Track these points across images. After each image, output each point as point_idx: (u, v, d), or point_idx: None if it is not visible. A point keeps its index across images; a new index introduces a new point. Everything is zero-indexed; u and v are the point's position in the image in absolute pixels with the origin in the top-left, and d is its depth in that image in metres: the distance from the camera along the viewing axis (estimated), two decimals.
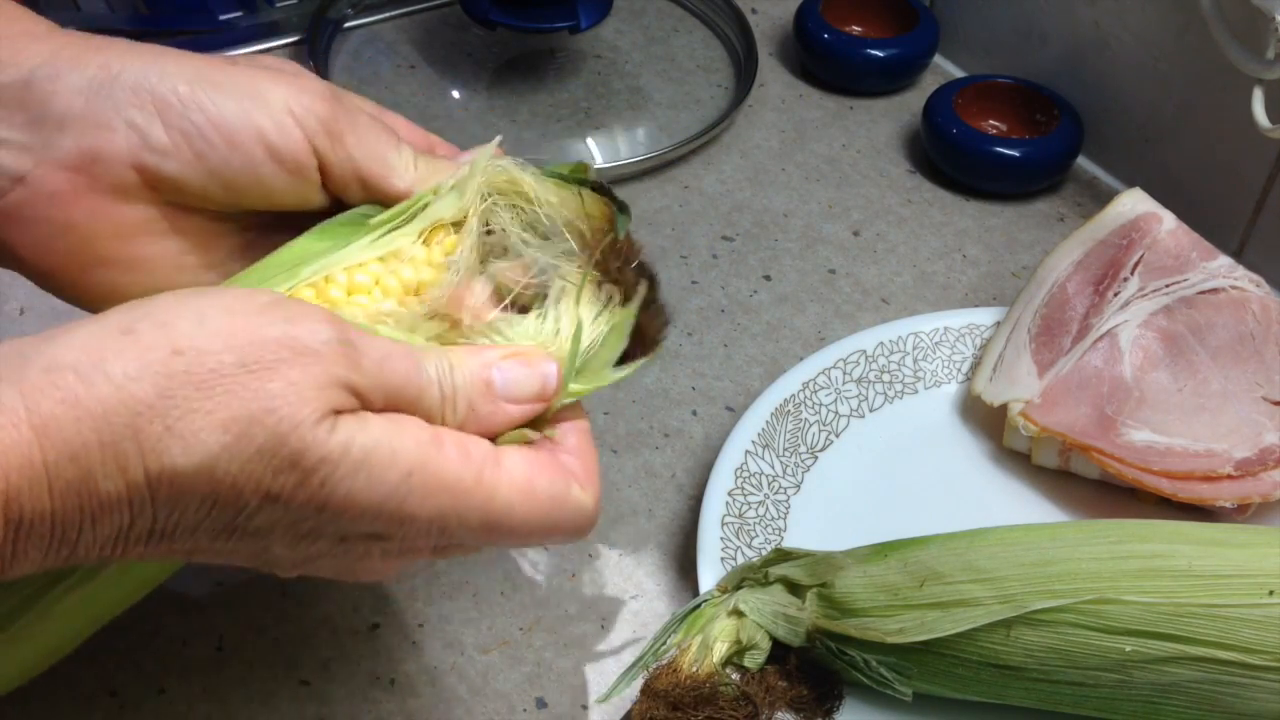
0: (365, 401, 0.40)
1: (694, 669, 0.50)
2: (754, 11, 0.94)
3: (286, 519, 0.39)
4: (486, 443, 0.42)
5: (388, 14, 0.91)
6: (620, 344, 0.47)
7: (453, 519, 0.41)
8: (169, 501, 0.37)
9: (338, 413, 0.38)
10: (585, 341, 0.46)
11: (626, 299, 0.48)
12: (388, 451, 0.39)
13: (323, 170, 0.48)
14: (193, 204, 0.48)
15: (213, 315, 0.38)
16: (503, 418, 0.43)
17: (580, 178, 0.49)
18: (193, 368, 0.36)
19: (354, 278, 0.47)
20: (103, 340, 0.36)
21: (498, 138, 0.50)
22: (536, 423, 0.45)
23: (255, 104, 0.47)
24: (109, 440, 0.35)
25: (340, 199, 0.49)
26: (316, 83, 0.49)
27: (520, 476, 0.42)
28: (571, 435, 0.46)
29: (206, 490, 0.37)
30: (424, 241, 0.48)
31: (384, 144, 0.49)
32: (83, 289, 0.49)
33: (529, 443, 0.44)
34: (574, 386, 0.46)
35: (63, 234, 0.47)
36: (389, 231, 0.48)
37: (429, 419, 0.41)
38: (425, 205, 0.49)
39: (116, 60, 0.47)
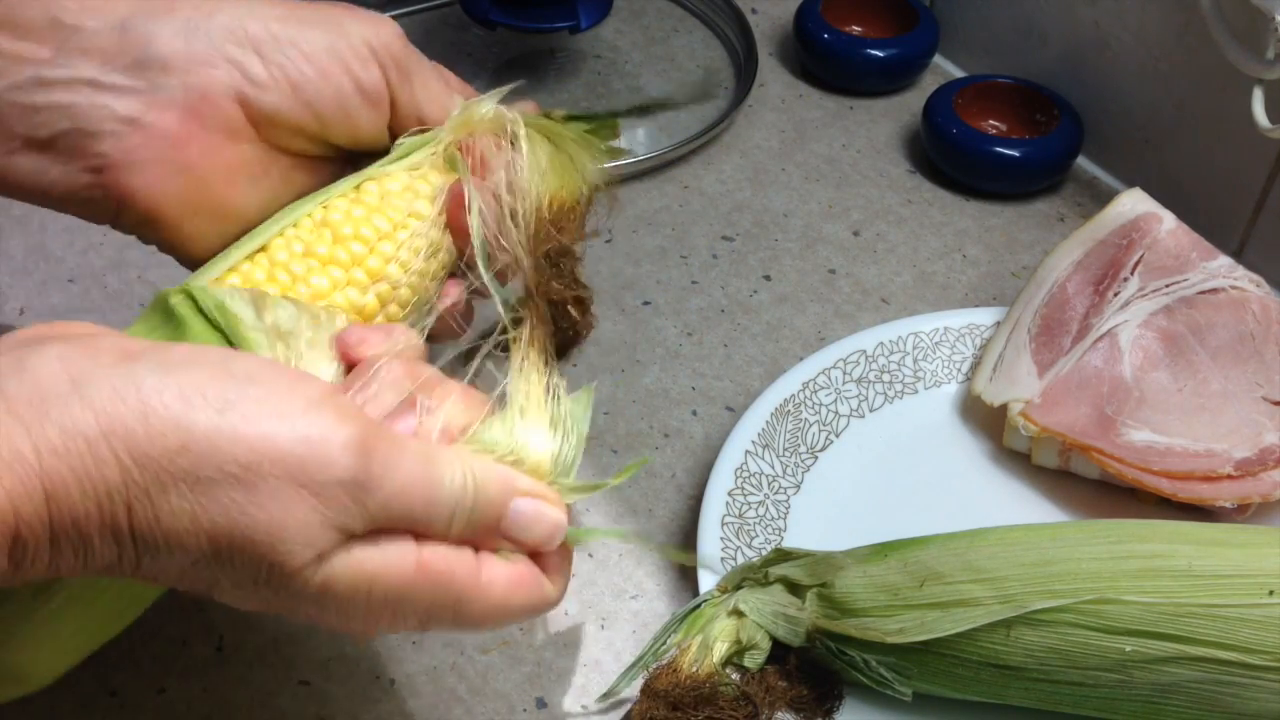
0: (357, 534, 0.39)
1: (694, 669, 0.50)
2: (754, 11, 0.94)
3: (259, 599, 0.40)
4: (469, 556, 0.42)
5: (388, 14, 0.91)
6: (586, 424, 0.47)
7: (419, 626, 0.42)
8: (154, 560, 0.38)
9: (323, 554, 0.38)
10: (558, 449, 0.45)
11: (572, 306, 0.51)
12: (366, 587, 0.39)
13: (391, 108, 0.51)
14: (286, 142, 0.51)
15: (235, 407, 0.37)
16: (494, 546, 0.43)
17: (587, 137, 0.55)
18: (194, 466, 0.36)
19: (385, 185, 0.51)
20: (120, 408, 0.36)
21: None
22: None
23: (339, 37, 0.50)
24: (108, 513, 0.36)
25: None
26: (391, 23, 0.52)
27: (498, 594, 0.42)
28: None
29: (188, 565, 0.38)
30: (445, 155, 0.53)
31: (444, 90, 0.53)
32: (183, 237, 0.50)
33: None
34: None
35: (178, 176, 0.49)
36: (413, 151, 0.53)
37: (423, 534, 0.41)
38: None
39: (208, 4, 0.49)
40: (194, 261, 0.51)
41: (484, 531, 0.42)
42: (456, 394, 0.44)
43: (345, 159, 0.53)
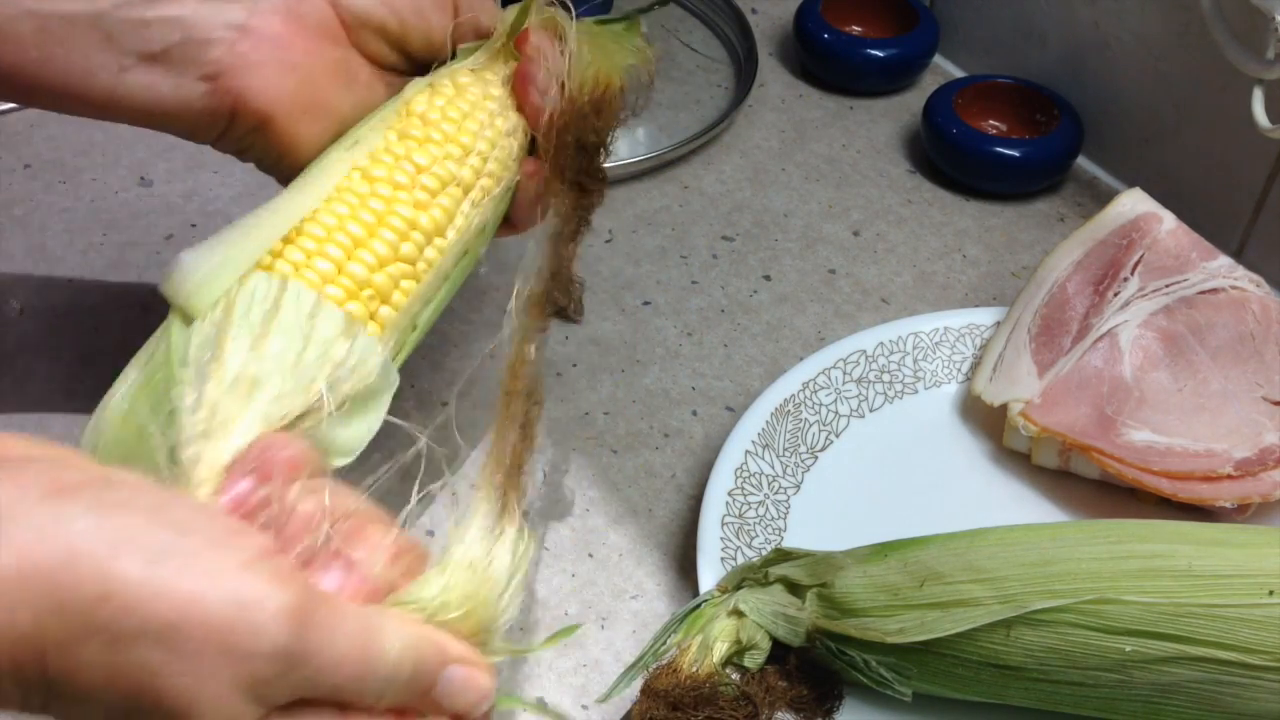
0: (279, 705, 0.37)
1: (694, 669, 0.50)
2: (754, 11, 0.94)
3: None
4: None
5: None
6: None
7: None
8: (62, 707, 0.36)
9: None
10: (495, 609, 0.43)
11: (577, 202, 0.57)
12: None
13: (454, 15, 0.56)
14: (370, 45, 0.55)
15: (166, 560, 0.35)
16: (419, 713, 0.41)
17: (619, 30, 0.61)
18: (115, 619, 0.34)
19: (457, 79, 0.56)
20: (43, 551, 0.34)
21: None
22: None
23: None
24: (20, 660, 0.34)
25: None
26: None
27: None
28: None
29: (98, 717, 0.36)
30: (503, 57, 0.58)
31: (497, 6, 0.57)
32: (291, 139, 0.53)
33: None
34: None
35: (288, 75, 0.52)
36: (473, 52, 0.57)
37: (348, 704, 0.39)
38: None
39: None
40: (294, 168, 0.54)
41: (412, 701, 0.40)
42: (383, 542, 0.42)
43: (415, 72, 0.57)
